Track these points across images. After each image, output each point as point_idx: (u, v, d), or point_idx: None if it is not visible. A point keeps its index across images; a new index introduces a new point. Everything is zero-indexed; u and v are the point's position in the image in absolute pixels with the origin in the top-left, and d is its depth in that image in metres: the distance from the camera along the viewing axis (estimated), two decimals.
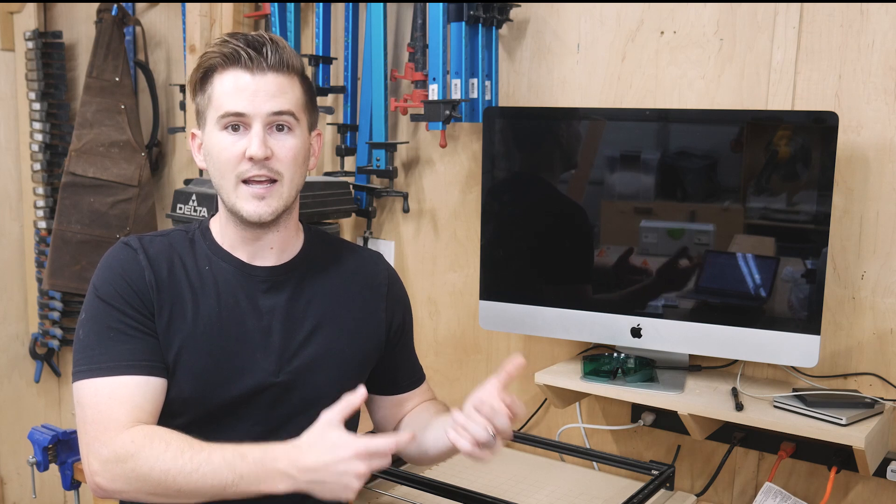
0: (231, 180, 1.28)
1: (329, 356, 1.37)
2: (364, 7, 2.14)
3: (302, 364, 1.34)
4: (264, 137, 1.26)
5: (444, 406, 1.50)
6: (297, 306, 1.36)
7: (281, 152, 1.27)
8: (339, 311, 1.39)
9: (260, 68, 1.26)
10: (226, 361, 1.31)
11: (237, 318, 1.32)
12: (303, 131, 1.31)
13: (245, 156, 1.26)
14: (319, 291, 1.39)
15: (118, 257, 1.31)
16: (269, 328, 1.34)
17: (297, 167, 1.30)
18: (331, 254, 1.44)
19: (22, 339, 3.02)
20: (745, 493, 1.79)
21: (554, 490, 1.65)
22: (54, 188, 2.80)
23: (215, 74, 1.28)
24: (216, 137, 1.28)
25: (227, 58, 1.26)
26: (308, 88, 1.34)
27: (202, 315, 1.30)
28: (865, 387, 1.64)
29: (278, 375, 1.33)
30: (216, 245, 1.37)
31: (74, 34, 2.89)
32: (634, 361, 1.70)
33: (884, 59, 1.56)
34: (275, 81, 1.27)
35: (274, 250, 1.37)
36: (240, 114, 1.25)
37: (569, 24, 1.91)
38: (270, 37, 1.29)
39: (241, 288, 1.34)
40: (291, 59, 1.29)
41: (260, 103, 1.25)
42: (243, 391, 1.31)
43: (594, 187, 1.74)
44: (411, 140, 2.19)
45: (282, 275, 1.37)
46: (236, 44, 1.26)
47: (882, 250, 1.60)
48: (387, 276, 1.48)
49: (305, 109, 1.32)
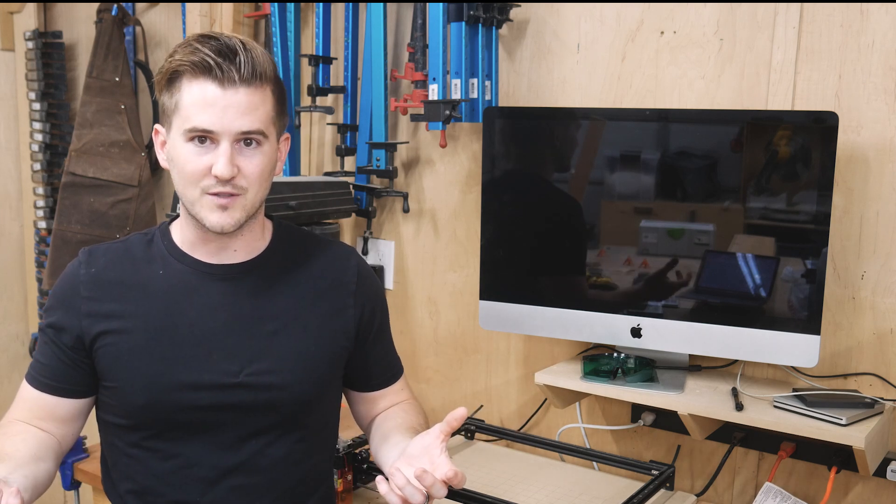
0: (195, 191, 1.24)
1: (294, 356, 1.33)
2: (364, 7, 2.14)
3: (264, 365, 1.31)
4: (231, 156, 1.21)
5: (412, 415, 1.45)
6: (259, 304, 1.33)
7: (248, 169, 1.24)
8: (304, 310, 1.36)
9: (231, 82, 1.20)
10: (179, 365, 1.28)
11: (190, 320, 1.29)
12: (271, 144, 1.27)
13: (211, 171, 1.22)
14: (283, 290, 1.36)
15: (66, 270, 1.35)
16: (227, 328, 1.30)
17: (262, 181, 1.27)
18: (298, 251, 1.40)
19: (22, 339, 3.02)
20: (745, 493, 1.79)
21: (554, 490, 1.65)
22: (54, 188, 2.80)
23: (184, 80, 1.22)
24: (181, 148, 1.23)
25: (196, 67, 1.20)
26: (280, 95, 1.29)
27: (151, 321, 1.28)
28: (865, 387, 1.64)
29: (238, 377, 1.29)
30: (174, 246, 1.34)
31: (74, 34, 2.89)
32: (634, 361, 1.70)
33: (884, 59, 1.56)
34: (246, 97, 1.21)
35: (238, 252, 1.34)
36: (208, 130, 1.21)
37: (569, 24, 1.91)
38: (243, 42, 1.22)
39: (196, 288, 1.31)
40: (265, 67, 1.23)
41: (229, 121, 1.20)
42: (202, 395, 1.27)
43: (594, 187, 1.74)
44: (411, 140, 2.19)
45: (241, 272, 1.34)
46: (206, 53, 1.19)
47: (882, 250, 1.60)
48: (356, 272, 1.43)
49: (275, 121, 1.28)
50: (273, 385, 1.31)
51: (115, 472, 1.38)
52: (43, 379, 1.33)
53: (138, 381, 1.28)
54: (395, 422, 1.42)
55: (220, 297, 1.32)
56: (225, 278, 1.33)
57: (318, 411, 1.39)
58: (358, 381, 1.47)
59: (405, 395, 1.52)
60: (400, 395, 1.51)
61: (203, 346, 1.29)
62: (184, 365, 1.28)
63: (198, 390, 1.28)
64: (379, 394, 1.49)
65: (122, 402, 1.30)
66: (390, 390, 1.50)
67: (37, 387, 1.33)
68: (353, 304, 1.41)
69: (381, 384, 1.49)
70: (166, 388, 1.28)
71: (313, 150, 2.39)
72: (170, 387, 1.28)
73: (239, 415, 1.31)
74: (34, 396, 1.33)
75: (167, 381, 1.28)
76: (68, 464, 1.89)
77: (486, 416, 2.11)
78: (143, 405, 1.28)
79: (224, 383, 1.29)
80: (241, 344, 1.31)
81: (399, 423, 1.41)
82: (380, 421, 1.46)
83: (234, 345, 1.31)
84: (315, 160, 2.39)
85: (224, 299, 1.32)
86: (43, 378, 1.33)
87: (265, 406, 1.32)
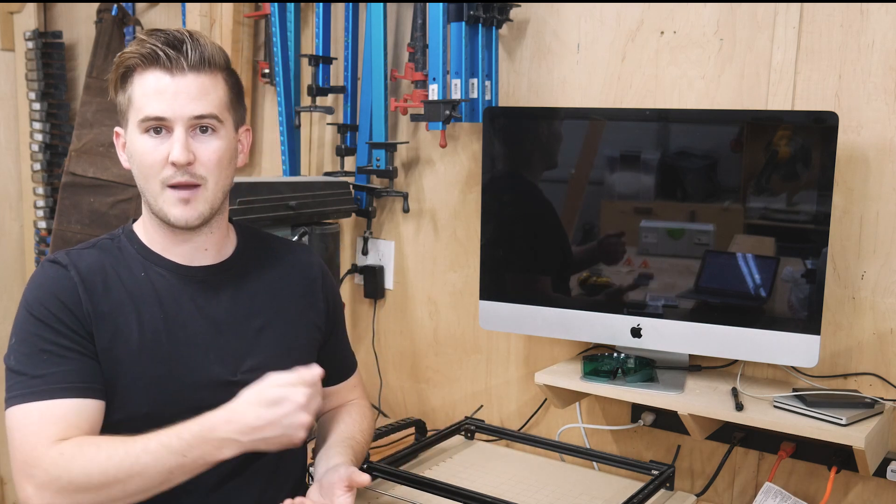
0: (156, 185, 1.25)
1: (283, 350, 1.35)
2: (364, 7, 2.14)
3: (257, 361, 1.32)
4: (186, 141, 1.23)
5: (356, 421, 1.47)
6: (241, 304, 1.34)
7: (204, 155, 1.24)
8: (284, 304, 1.39)
9: (180, 69, 1.22)
10: (179, 368, 1.27)
11: (183, 322, 1.29)
12: (228, 131, 1.28)
13: (168, 160, 1.23)
14: (261, 287, 1.38)
15: (49, 276, 1.25)
16: (216, 328, 1.31)
17: (221, 170, 1.27)
18: (265, 249, 1.43)
19: None
20: (745, 493, 1.79)
21: (554, 490, 1.65)
22: (54, 188, 2.80)
23: (135, 75, 1.24)
24: (138, 141, 1.25)
25: (146, 58, 1.22)
26: (234, 85, 1.30)
27: (147, 325, 1.26)
28: (865, 387, 1.64)
29: (235, 375, 1.30)
30: (147, 249, 1.33)
31: (74, 34, 2.89)
32: (634, 361, 1.70)
33: (884, 59, 1.56)
34: (196, 82, 1.23)
35: (209, 251, 1.34)
36: (160, 118, 1.22)
37: (569, 24, 1.91)
38: (191, 33, 1.24)
39: (180, 291, 1.31)
40: (214, 55, 1.25)
41: (181, 106, 1.22)
42: (203, 396, 1.26)
43: (594, 187, 1.74)
44: (411, 140, 2.19)
45: (220, 273, 1.35)
46: (154, 43, 1.22)
47: (882, 250, 1.60)
48: (320, 268, 1.48)
49: (230, 108, 1.29)
50: None
51: None
52: (71, 384, 1.19)
53: (141, 386, 1.25)
54: (337, 428, 1.45)
55: (204, 299, 1.32)
56: (204, 280, 1.33)
57: None
58: None
59: (356, 393, 1.56)
60: (352, 393, 1.55)
61: (198, 346, 1.29)
62: (183, 366, 1.28)
63: (198, 390, 1.28)
64: (331, 390, 1.51)
65: (126, 407, 1.25)
66: (342, 387, 1.53)
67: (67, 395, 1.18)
68: (321, 298, 1.46)
69: (334, 381, 1.51)
70: (169, 391, 1.27)
71: (313, 150, 2.39)
72: (172, 390, 1.27)
73: None
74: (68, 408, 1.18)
75: (169, 382, 1.27)
76: None
77: (486, 416, 2.11)
78: (146, 412, 1.25)
79: (222, 381, 1.29)
80: (232, 343, 1.32)
81: (339, 431, 1.44)
82: (324, 421, 1.49)
83: (225, 344, 1.31)
84: (315, 160, 2.39)
85: (207, 301, 1.32)
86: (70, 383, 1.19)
87: None
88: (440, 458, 1.77)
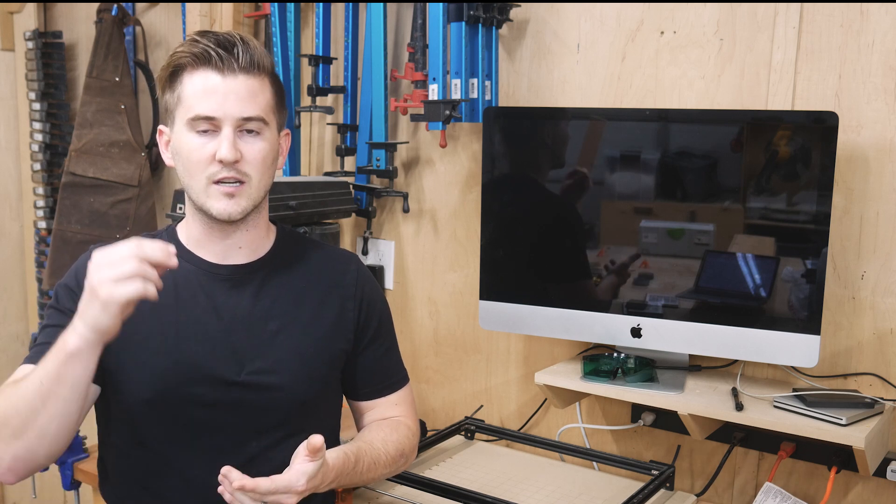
0: (201, 181, 1.27)
1: (294, 357, 1.34)
2: (364, 7, 2.14)
3: (265, 365, 1.32)
4: (234, 140, 1.25)
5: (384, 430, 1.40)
6: (260, 306, 1.35)
7: (250, 155, 1.27)
8: (305, 312, 1.37)
9: (230, 69, 1.25)
10: (183, 361, 1.29)
11: (196, 318, 1.32)
12: (272, 133, 1.31)
13: (215, 158, 1.25)
14: (284, 292, 1.37)
15: (81, 263, 1.32)
16: (230, 327, 1.32)
17: (265, 169, 1.30)
18: (299, 254, 1.43)
19: (22, 339, 3.02)
20: (745, 493, 1.79)
21: (554, 490, 1.65)
22: (54, 188, 2.80)
23: (185, 73, 1.27)
24: (186, 138, 1.27)
25: (197, 58, 1.25)
26: (278, 89, 1.33)
27: (160, 316, 1.30)
28: (865, 387, 1.64)
29: (240, 375, 1.31)
30: (181, 246, 1.36)
31: (74, 34, 2.89)
32: (634, 361, 1.70)
33: (884, 59, 1.56)
34: (245, 84, 1.26)
35: (243, 250, 1.36)
36: (210, 117, 1.25)
37: (569, 24, 1.91)
38: (241, 36, 1.28)
39: (201, 287, 1.33)
40: (262, 59, 1.28)
41: (230, 107, 1.25)
42: (202, 391, 1.29)
43: (594, 187, 1.74)
44: (411, 140, 2.19)
45: (246, 273, 1.36)
46: (206, 43, 1.25)
47: (882, 250, 1.60)
48: (356, 277, 1.44)
49: (275, 111, 1.32)
50: (272, 385, 1.32)
51: (113, 476, 1.37)
52: None
53: (146, 373, 1.29)
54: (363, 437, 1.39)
55: (225, 297, 1.34)
56: (229, 278, 1.35)
57: (317, 412, 1.39)
58: (347, 387, 1.46)
59: (399, 410, 1.47)
60: (393, 410, 1.46)
61: (206, 342, 1.31)
62: (187, 360, 1.30)
63: (200, 385, 1.29)
64: (368, 404, 1.46)
65: (126, 394, 1.30)
66: (382, 402, 1.46)
67: None
68: (351, 306, 1.42)
69: (368, 395, 1.45)
70: (172, 383, 1.29)
71: (313, 150, 2.39)
72: (175, 381, 1.29)
73: (239, 414, 1.31)
74: None
75: (172, 374, 1.29)
76: (68, 464, 1.89)
77: (486, 416, 2.11)
78: (148, 399, 1.29)
79: (225, 380, 1.30)
80: (243, 343, 1.32)
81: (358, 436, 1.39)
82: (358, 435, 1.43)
83: (236, 343, 1.32)
84: (315, 160, 2.39)
85: (228, 299, 1.34)
86: None
87: (265, 406, 1.32)
88: (440, 458, 1.77)
